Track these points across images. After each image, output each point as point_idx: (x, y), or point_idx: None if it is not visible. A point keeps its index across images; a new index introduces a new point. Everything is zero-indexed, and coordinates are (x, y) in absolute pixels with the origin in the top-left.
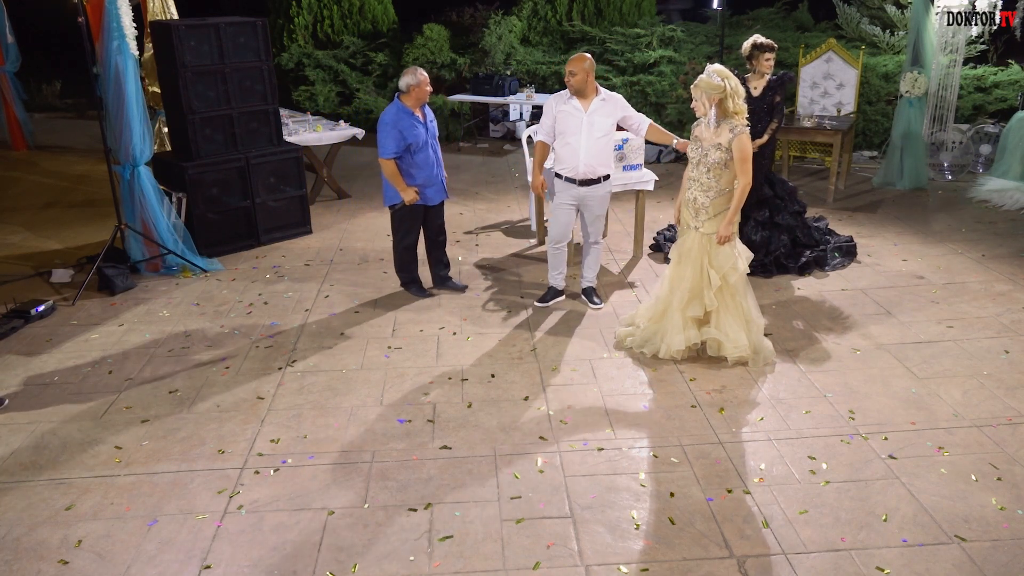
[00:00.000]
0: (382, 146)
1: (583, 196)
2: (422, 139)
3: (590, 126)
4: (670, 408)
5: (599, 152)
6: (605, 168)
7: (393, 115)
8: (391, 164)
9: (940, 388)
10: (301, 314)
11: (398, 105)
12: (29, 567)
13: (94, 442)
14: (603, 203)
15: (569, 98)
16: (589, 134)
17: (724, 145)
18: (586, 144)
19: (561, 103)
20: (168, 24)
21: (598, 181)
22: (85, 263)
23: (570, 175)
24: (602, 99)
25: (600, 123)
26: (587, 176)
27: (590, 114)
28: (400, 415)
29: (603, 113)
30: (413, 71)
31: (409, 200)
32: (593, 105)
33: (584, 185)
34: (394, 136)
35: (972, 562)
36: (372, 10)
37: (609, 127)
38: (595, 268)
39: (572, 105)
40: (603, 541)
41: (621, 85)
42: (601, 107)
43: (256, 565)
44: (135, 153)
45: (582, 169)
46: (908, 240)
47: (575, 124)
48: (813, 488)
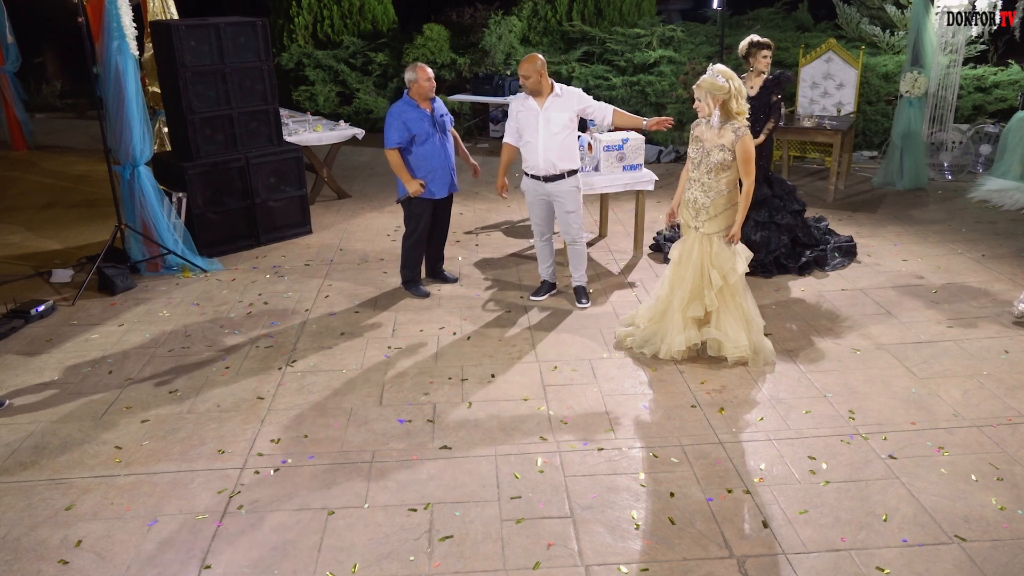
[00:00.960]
0: (386, 137)
1: (550, 192)
2: (426, 131)
3: (546, 123)
4: (670, 408)
5: (557, 148)
6: (567, 163)
7: (398, 108)
8: (395, 154)
9: (940, 388)
10: (301, 314)
11: (404, 98)
12: (29, 567)
13: (94, 442)
14: (572, 198)
15: (526, 98)
16: (546, 131)
17: (727, 146)
18: (544, 141)
19: (519, 104)
20: (168, 24)
21: (562, 176)
22: (85, 263)
23: (534, 172)
24: (556, 95)
25: (556, 119)
26: (548, 172)
27: (545, 111)
28: (400, 415)
29: (557, 108)
30: (413, 67)
31: (413, 192)
32: (548, 102)
33: (549, 181)
34: (397, 127)
35: (972, 562)
36: (372, 10)
37: (566, 122)
38: (580, 268)
39: (528, 104)
40: (603, 541)
41: (621, 85)
42: (555, 103)
43: (256, 565)
44: (135, 153)
45: (542, 165)
46: (908, 240)
47: (532, 122)
48: (813, 488)
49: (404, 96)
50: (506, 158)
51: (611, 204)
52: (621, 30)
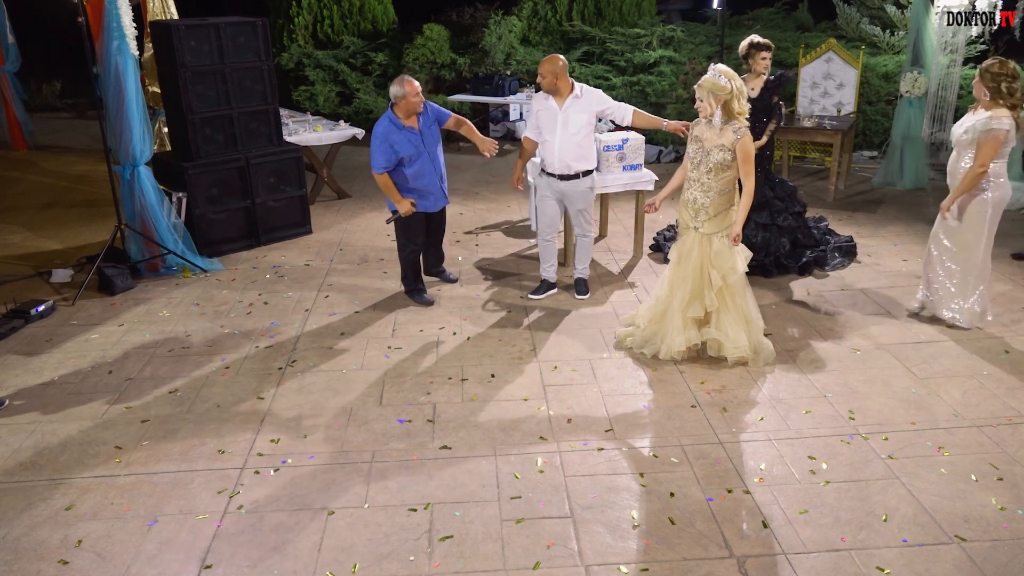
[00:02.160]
0: (373, 160)
1: (563, 190)
2: (415, 151)
3: (564, 123)
4: (670, 408)
5: (574, 148)
6: (583, 163)
7: (384, 128)
8: (384, 177)
9: (940, 388)
10: (301, 314)
11: (389, 117)
12: (29, 567)
13: (94, 442)
14: (584, 198)
15: (546, 97)
16: (564, 131)
17: (728, 146)
18: (560, 141)
19: (541, 102)
20: (168, 24)
21: (577, 176)
22: (85, 263)
23: (550, 170)
24: (576, 96)
25: (574, 119)
26: (564, 172)
27: (564, 111)
28: (400, 415)
29: (577, 110)
30: (400, 81)
31: (405, 212)
32: (567, 103)
33: (564, 180)
34: (384, 150)
35: (972, 562)
36: (372, 10)
37: (584, 123)
38: (585, 260)
39: (548, 104)
40: (603, 541)
41: (621, 85)
42: (575, 104)
43: (256, 565)
44: (135, 153)
45: (558, 165)
46: (908, 240)
47: (551, 122)
48: (813, 488)
49: (389, 113)
50: (525, 152)
51: (611, 204)
52: (621, 30)
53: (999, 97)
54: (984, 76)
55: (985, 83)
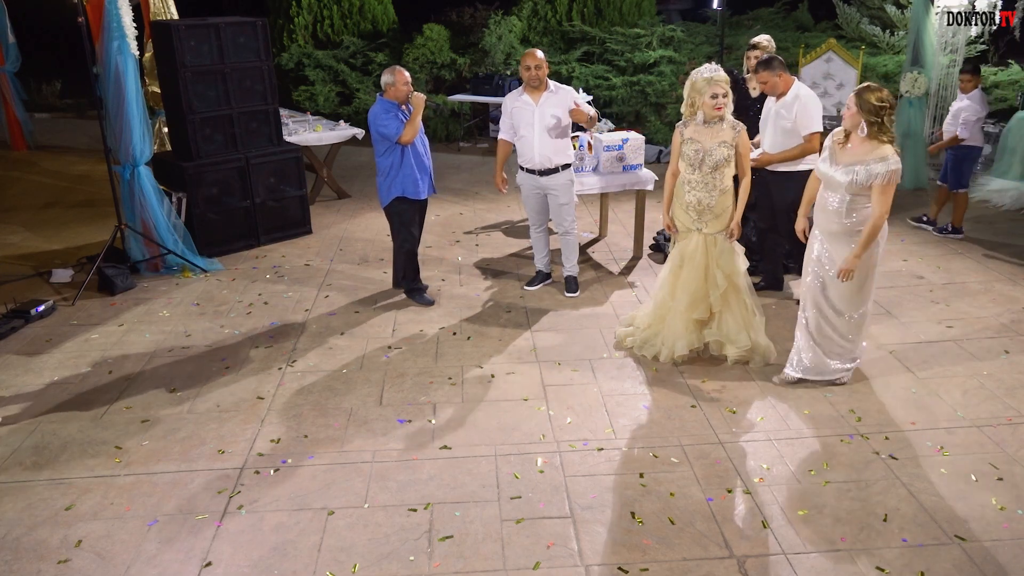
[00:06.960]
0: (389, 131)
1: (544, 185)
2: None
3: (541, 118)
4: (670, 408)
5: (552, 142)
6: (561, 157)
7: (378, 109)
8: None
9: (940, 388)
10: (301, 314)
11: (381, 100)
12: (29, 567)
13: (94, 442)
14: (565, 191)
15: (520, 94)
16: (541, 126)
17: (729, 142)
18: (539, 136)
19: (514, 100)
20: (168, 24)
21: (556, 170)
22: (85, 263)
23: (529, 166)
24: (551, 91)
25: (551, 115)
26: (544, 166)
27: (540, 107)
28: (400, 415)
29: (552, 104)
30: (391, 70)
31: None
32: (543, 98)
33: (544, 175)
34: (389, 120)
35: (972, 562)
36: (372, 10)
37: (560, 117)
38: (572, 258)
39: (523, 100)
40: (603, 541)
41: (621, 85)
42: (550, 99)
43: (256, 565)
44: (135, 153)
45: (537, 160)
46: (908, 240)
47: (527, 118)
48: (813, 488)
49: (380, 98)
50: (502, 154)
51: (611, 204)
52: (621, 30)
53: (881, 134)
54: (864, 105)
55: (865, 115)
